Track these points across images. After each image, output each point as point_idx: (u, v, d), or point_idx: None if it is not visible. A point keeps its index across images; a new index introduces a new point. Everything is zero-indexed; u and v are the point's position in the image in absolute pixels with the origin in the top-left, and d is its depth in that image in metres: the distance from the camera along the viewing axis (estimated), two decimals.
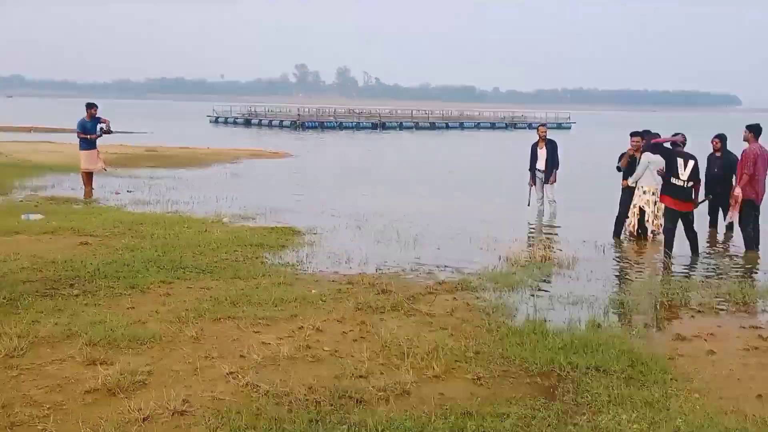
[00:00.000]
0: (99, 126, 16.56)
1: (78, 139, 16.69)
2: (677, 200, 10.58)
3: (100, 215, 12.95)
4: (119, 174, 21.08)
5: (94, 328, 6.45)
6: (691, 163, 10.49)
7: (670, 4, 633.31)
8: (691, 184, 10.54)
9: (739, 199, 11.24)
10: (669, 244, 10.58)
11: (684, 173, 10.44)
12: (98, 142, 16.75)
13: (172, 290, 8.09)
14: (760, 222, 11.48)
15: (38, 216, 12.44)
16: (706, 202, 12.66)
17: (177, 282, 8.45)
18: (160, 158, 27.20)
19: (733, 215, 11.43)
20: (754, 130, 11.48)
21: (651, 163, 11.70)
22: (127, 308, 7.31)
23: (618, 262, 10.91)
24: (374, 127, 72.31)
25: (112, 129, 16.85)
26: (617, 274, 10.09)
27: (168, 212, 13.86)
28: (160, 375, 5.54)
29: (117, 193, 16.75)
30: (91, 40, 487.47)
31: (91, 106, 16.60)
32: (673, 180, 10.49)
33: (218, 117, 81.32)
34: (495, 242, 11.61)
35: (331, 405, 5.04)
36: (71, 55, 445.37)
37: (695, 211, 11.03)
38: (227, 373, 5.57)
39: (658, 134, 12.18)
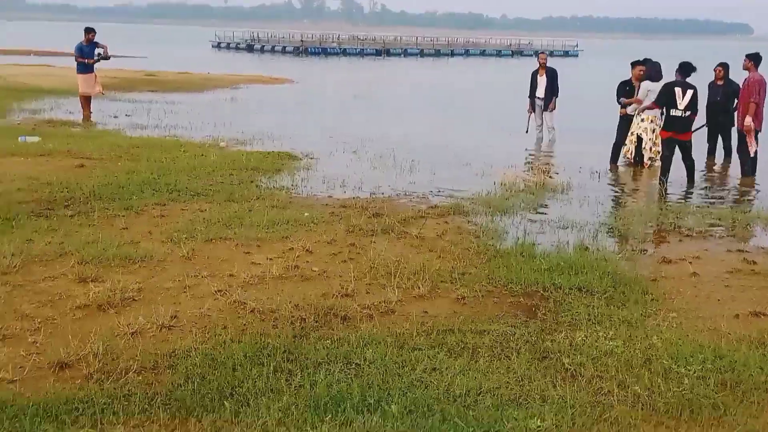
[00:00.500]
0: (97, 51, 16.42)
1: (75, 63, 16.57)
2: (676, 132, 10.53)
3: (97, 138, 12.98)
4: (118, 98, 21.01)
5: (87, 248, 6.55)
6: (689, 92, 10.39)
7: None
8: (688, 113, 10.47)
9: (752, 129, 11.19)
10: (665, 171, 10.57)
11: (682, 102, 10.35)
12: (96, 66, 16.63)
13: (167, 212, 8.17)
14: (759, 149, 11.45)
15: (35, 138, 12.46)
16: (704, 128, 12.61)
17: (171, 204, 8.53)
18: (159, 83, 27.04)
19: (752, 146, 11.35)
20: (754, 59, 11.37)
21: (650, 91, 11.61)
22: (121, 229, 7.41)
23: (613, 188, 10.95)
24: (378, 53, 71.54)
25: (110, 54, 16.72)
26: (610, 199, 10.13)
27: (165, 136, 13.88)
28: (150, 292, 5.65)
29: (115, 117, 16.75)
30: None
31: (89, 31, 16.44)
32: (672, 111, 10.42)
33: (220, 42, 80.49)
34: (491, 168, 11.64)
35: (316, 322, 5.15)
36: None
37: (693, 137, 10.99)
38: (216, 291, 5.68)
39: (658, 63, 12.07)
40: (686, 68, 10.62)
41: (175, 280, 5.93)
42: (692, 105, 10.42)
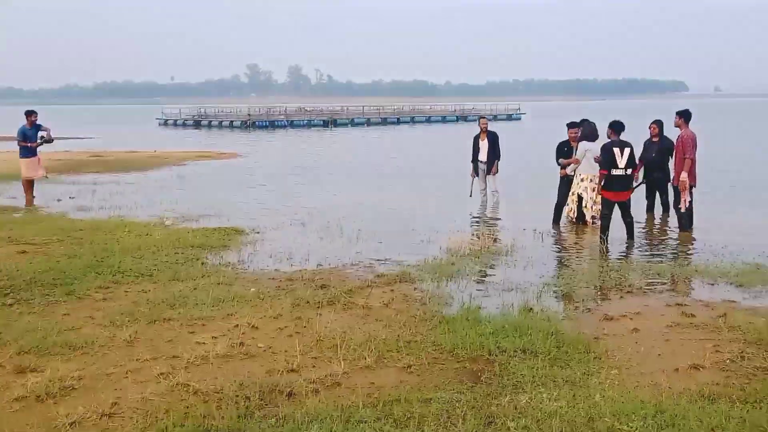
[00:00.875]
0: (40, 134, 16.32)
1: (19, 148, 16.42)
2: (617, 191, 10.79)
3: (40, 223, 12.81)
4: (63, 180, 20.80)
5: (26, 336, 6.43)
6: (627, 150, 10.71)
7: None
8: (629, 171, 10.76)
9: (687, 185, 11.53)
10: (605, 230, 10.82)
11: (622, 161, 10.65)
12: (40, 149, 16.51)
13: (110, 295, 8.07)
14: (693, 203, 11.79)
15: None
16: (642, 186, 12.96)
17: (115, 287, 8.43)
18: (105, 163, 26.87)
19: (684, 202, 11.67)
20: (684, 116, 11.80)
21: (588, 150, 11.96)
22: (63, 315, 7.28)
23: (555, 248, 11.13)
24: (325, 124, 72.27)
25: (53, 137, 16.62)
26: (554, 260, 10.29)
27: (110, 217, 13.75)
28: (91, 379, 5.55)
29: (59, 200, 16.55)
30: (35, 45, 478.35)
31: (30, 113, 16.35)
32: (613, 171, 10.68)
33: (167, 119, 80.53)
34: (436, 234, 11.76)
35: (261, 400, 5.11)
36: (15, 61, 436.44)
37: (632, 195, 11.28)
38: (159, 374, 5.61)
39: (594, 123, 12.44)
40: (618, 126, 10.98)
41: (117, 366, 5.84)
42: (631, 162, 10.75)
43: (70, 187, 19.41)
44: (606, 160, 10.69)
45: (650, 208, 13.30)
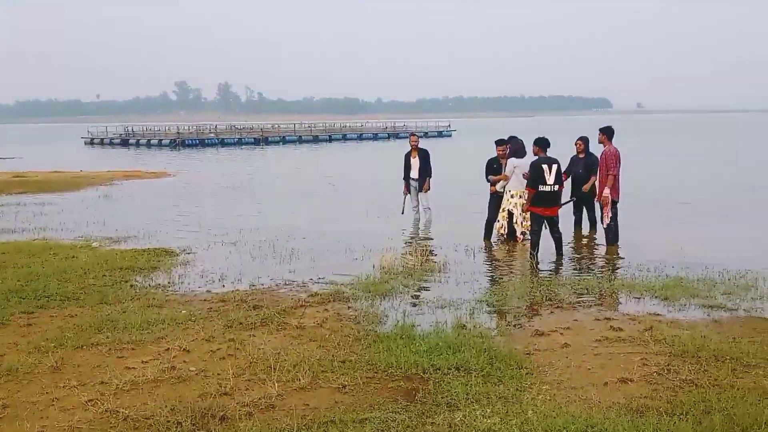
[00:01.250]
0: None
1: None
2: (545, 207, 10.99)
3: None
4: None
5: None
6: (554, 167, 10.91)
7: (543, 15, 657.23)
8: (557, 187, 10.98)
9: (609, 201, 11.82)
10: (535, 246, 11.00)
11: (550, 177, 10.85)
12: None
13: (34, 320, 7.84)
14: (618, 218, 12.10)
15: None
16: (571, 203, 13.24)
17: (39, 311, 8.19)
18: (29, 184, 26.11)
19: (606, 216, 11.95)
20: (607, 132, 12.11)
21: (517, 167, 12.18)
22: None
23: (487, 264, 11.27)
24: (257, 142, 71.81)
25: None
26: (486, 276, 10.42)
27: (34, 240, 13.37)
28: (16, 408, 5.37)
29: None
30: None
31: None
32: (541, 187, 10.86)
33: (93, 138, 78.80)
34: (370, 252, 11.78)
35: (193, 425, 5.02)
36: None
37: (559, 211, 11.51)
38: (87, 401, 5.47)
39: (521, 140, 12.68)
40: (543, 143, 11.22)
41: (43, 393, 5.67)
42: (558, 178, 10.96)
43: None
44: (534, 177, 10.88)
45: (578, 223, 13.59)
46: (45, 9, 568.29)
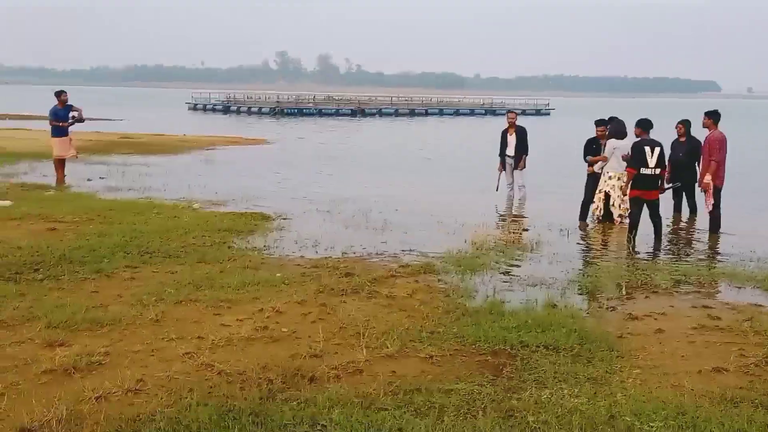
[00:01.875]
0: (71, 114, 16.52)
1: (50, 127, 16.65)
2: (646, 191, 10.68)
3: (71, 202, 12.98)
4: (93, 161, 21.04)
5: (55, 312, 6.53)
6: (657, 149, 10.58)
7: None
8: (658, 170, 10.66)
9: (711, 187, 11.43)
10: (632, 228, 10.74)
11: (652, 160, 10.53)
12: (71, 129, 16.72)
13: (137, 275, 8.17)
14: (721, 206, 11.68)
15: (7, 202, 12.44)
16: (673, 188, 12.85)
17: (143, 267, 8.53)
18: (135, 145, 27.12)
19: (709, 203, 11.57)
20: (713, 117, 11.68)
21: (616, 149, 11.87)
22: (91, 292, 7.39)
23: (581, 245, 11.09)
24: (353, 113, 72.35)
25: (84, 117, 16.83)
26: (580, 257, 10.26)
27: (139, 199, 13.91)
28: (117, 356, 5.63)
29: (89, 180, 16.76)
30: (68, 26, 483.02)
31: (60, 93, 16.57)
32: (643, 170, 10.54)
33: (197, 104, 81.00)
34: (462, 227, 11.76)
35: (283, 383, 5.16)
36: (48, 42, 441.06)
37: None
38: (183, 354, 5.68)
39: (623, 122, 12.34)
40: (646, 125, 10.87)
41: (143, 344, 5.92)
42: (661, 161, 10.62)
43: (101, 167, 19.64)
44: (636, 159, 10.57)
45: (677, 208, 13.19)
46: None
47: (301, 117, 65.71)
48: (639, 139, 10.86)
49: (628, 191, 10.96)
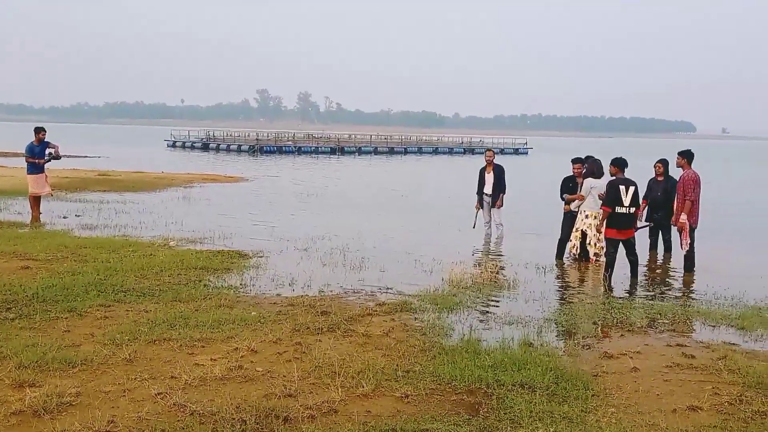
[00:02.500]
0: (48, 151, 16.45)
1: (26, 164, 16.54)
2: (621, 230, 10.71)
3: (45, 239, 12.86)
4: (69, 198, 20.89)
5: (26, 351, 6.45)
6: (631, 189, 10.65)
7: (628, 32, 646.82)
8: (633, 209, 10.74)
9: (687, 226, 11.53)
10: (608, 267, 10.78)
11: (626, 199, 10.62)
12: (47, 165, 16.62)
13: (111, 313, 8.09)
14: (695, 245, 11.78)
15: None
16: (647, 227, 12.98)
17: (116, 305, 8.46)
18: (112, 182, 27.00)
19: (686, 243, 11.65)
20: (687, 156, 11.83)
21: (593, 188, 11.99)
22: (63, 331, 7.31)
23: (558, 283, 11.13)
24: (333, 151, 72.60)
25: (60, 154, 16.76)
26: (556, 295, 10.29)
27: (115, 236, 13.81)
28: (88, 397, 5.56)
29: (64, 218, 16.62)
30: (47, 63, 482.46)
31: (39, 131, 16.50)
32: (618, 209, 10.59)
33: (176, 141, 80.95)
34: (439, 265, 11.77)
35: (257, 424, 5.11)
36: (27, 79, 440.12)
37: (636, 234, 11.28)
38: (156, 394, 5.61)
39: (599, 160, 12.48)
40: (621, 164, 10.97)
41: (115, 384, 5.85)
42: (635, 201, 10.71)
43: (77, 204, 19.50)
44: (611, 197, 10.66)
45: (653, 246, 13.31)
46: (136, 17, 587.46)
47: (280, 155, 65.80)
48: (614, 178, 10.96)
49: (603, 230, 11.02)
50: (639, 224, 11.93)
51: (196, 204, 21.24)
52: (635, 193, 10.70)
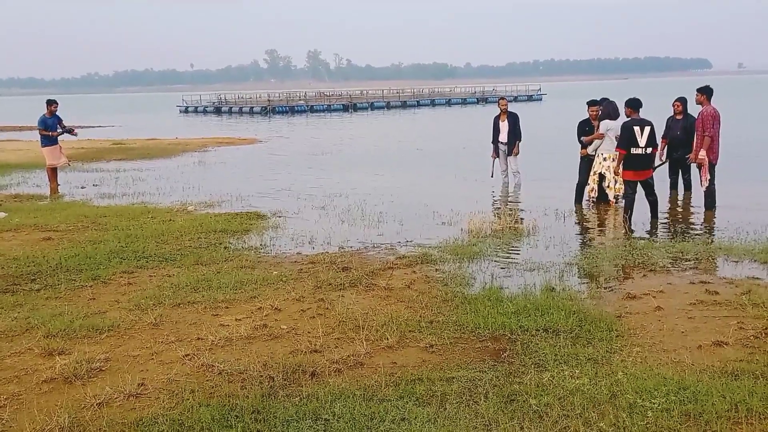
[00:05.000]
0: (65, 127, 16.49)
1: (40, 137, 16.60)
2: (638, 171, 10.58)
3: (64, 210, 12.95)
4: (86, 168, 21.01)
5: (53, 321, 6.53)
6: (647, 129, 10.46)
7: None
8: (650, 150, 10.61)
9: (706, 162, 11.43)
10: (628, 209, 10.71)
11: (642, 140, 10.47)
12: (61, 138, 16.67)
13: (134, 280, 8.16)
14: (716, 181, 11.67)
15: (1, 214, 12.41)
16: (666, 164, 12.85)
17: (139, 271, 8.53)
18: (127, 151, 27.08)
19: (705, 179, 11.57)
20: (706, 92, 11.67)
21: (609, 130, 11.86)
22: (88, 299, 7.38)
23: (578, 228, 11.09)
24: (345, 108, 72.21)
25: (77, 132, 16.84)
26: (576, 239, 10.25)
27: (133, 204, 13.89)
28: (117, 361, 5.63)
29: (83, 188, 16.73)
30: (56, 35, 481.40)
31: (51, 103, 16.49)
32: (633, 150, 10.44)
33: (188, 107, 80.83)
34: (457, 216, 11.75)
35: (284, 380, 5.16)
36: (36, 52, 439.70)
37: (655, 172, 11.19)
38: (184, 356, 5.68)
39: (614, 102, 12.32)
40: (635, 104, 10.77)
41: (143, 348, 5.92)
42: (651, 141, 10.54)
43: (94, 174, 19.61)
44: (625, 138, 10.51)
45: (674, 186, 13.19)
46: None
47: (293, 115, 65.58)
48: (629, 119, 10.81)
49: (620, 171, 10.89)
50: (656, 163, 11.80)
51: (211, 168, 21.28)
52: (651, 133, 10.54)
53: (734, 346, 5.59)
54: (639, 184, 10.74)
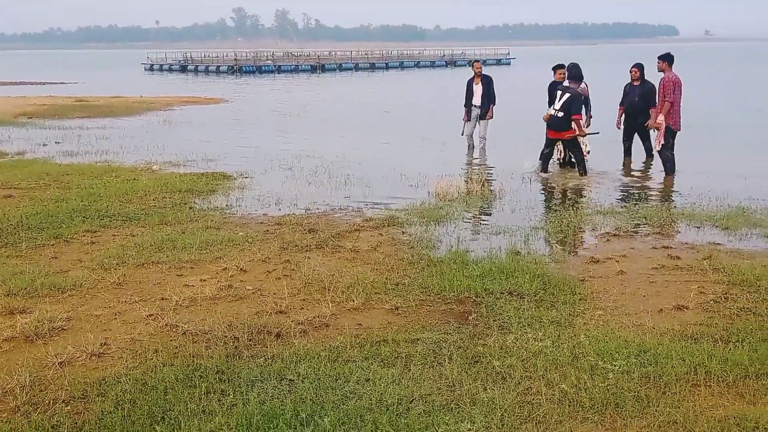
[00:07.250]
0: None
1: None
2: (550, 129, 11.89)
3: (26, 167, 12.73)
4: (48, 125, 20.61)
5: (14, 279, 6.43)
6: (566, 96, 11.64)
7: None
8: (561, 114, 11.57)
9: (663, 127, 11.53)
10: (540, 160, 12.21)
11: (558, 103, 11.64)
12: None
13: (97, 239, 8.06)
14: (675, 148, 11.78)
15: None
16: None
17: (102, 230, 8.42)
18: (91, 108, 26.59)
19: (658, 143, 11.71)
20: (667, 59, 11.72)
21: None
22: (50, 258, 7.28)
23: (543, 193, 11.16)
24: (313, 69, 71.59)
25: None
26: (542, 204, 10.32)
27: (97, 162, 13.68)
28: (80, 321, 5.57)
29: (44, 145, 16.42)
30: None
31: None
32: (549, 110, 11.90)
33: (153, 64, 79.60)
34: (425, 179, 11.75)
35: (249, 340, 5.15)
36: None
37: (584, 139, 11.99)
38: (147, 316, 5.64)
39: (578, 65, 12.44)
40: (570, 69, 12.36)
41: (106, 307, 5.86)
42: (564, 107, 11.58)
43: (56, 132, 19.25)
44: (549, 98, 12.12)
45: (628, 152, 13.10)
46: None
47: (260, 75, 64.85)
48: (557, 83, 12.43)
49: (585, 131, 12.02)
50: (587, 131, 12.08)
51: (177, 127, 21.00)
52: (567, 100, 11.59)
53: (694, 310, 5.69)
54: (555, 144, 12.22)
